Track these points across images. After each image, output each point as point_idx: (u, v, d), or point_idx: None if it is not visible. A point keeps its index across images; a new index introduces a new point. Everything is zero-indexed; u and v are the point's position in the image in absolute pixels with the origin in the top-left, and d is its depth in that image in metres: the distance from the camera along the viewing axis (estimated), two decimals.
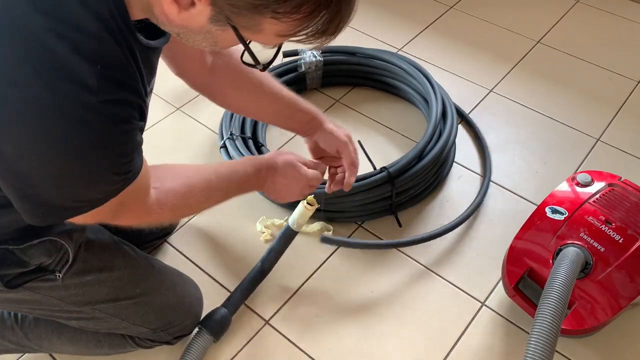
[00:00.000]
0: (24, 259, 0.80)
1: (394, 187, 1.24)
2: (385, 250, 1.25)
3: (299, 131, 1.10)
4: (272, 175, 0.99)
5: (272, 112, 1.07)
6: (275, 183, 1.00)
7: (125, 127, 0.63)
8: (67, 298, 0.88)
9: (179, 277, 1.08)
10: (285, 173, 1.00)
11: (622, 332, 1.11)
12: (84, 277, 0.88)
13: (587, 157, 1.45)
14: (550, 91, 1.64)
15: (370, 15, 1.92)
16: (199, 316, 1.08)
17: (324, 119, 1.08)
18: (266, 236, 1.27)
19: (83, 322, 0.96)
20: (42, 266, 0.83)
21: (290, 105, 1.05)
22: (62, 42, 0.55)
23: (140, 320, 0.98)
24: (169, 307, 1.01)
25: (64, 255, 0.84)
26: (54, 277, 0.84)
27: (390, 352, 1.10)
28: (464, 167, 1.43)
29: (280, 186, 1.01)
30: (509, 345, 1.10)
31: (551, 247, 1.06)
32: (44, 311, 0.91)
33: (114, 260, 0.94)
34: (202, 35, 0.62)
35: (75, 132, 0.58)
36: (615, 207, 1.08)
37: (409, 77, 1.51)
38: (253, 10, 0.55)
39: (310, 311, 1.16)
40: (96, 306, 0.92)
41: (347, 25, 0.61)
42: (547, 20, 1.89)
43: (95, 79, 0.56)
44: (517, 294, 1.07)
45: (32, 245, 0.79)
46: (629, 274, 1.01)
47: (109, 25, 0.58)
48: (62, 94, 0.56)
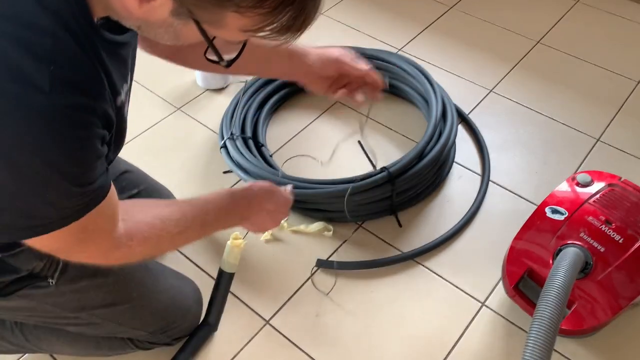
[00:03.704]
0: (15, 265, 0.79)
1: (394, 187, 1.24)
2: (385, 251, 1.25)
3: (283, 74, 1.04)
4: (250, 201, 0.96)
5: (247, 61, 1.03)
6: (261, 210, 0.97)
7: (81, 132, 0.59)
8: (62, 304, 0.88)
9: (176, 279, 1.07)
10: (268, 198, 0.98)
11: (622, 332, 1.11)
12: (78, 283, 0.87)
13: (587, 157, 1.45)
14: (550, 91, 1.64)
15: (370, 15, 1.92)
16: (198, 317, 1.08)
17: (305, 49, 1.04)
18: (266, 236, 1.27)
19: (81, 328, 0.95)
20: (34, 272, 0.81)
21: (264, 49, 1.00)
22: (13, 41, 0.53)
23: (138, 324, 0.97)
24: (166, 310, 1.00)
25: (54, 260, 0.83)
26: (47, 283, 0.83)
27: (390, 352, 1.10)
28: (464, 167, 1.43)
29: (267, 212, 0.98)
30: (509, 345, 1.10)
31: (551, 247, 1.06)
32: (41, 318, 0.90)
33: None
34: (163, 29, 0.60)
35: (23, 133, 0.54)
36: (615, 207, 1.08)
37: (409, 77, 1.51)
38: (215, 3, 0.54)
39: (310, 311, 1.16)
40: (92, 312, 0.91)
41: (312, 22, 0.60)
42: (547, 20, 1.89)
43: (47, 80, 0.54)
44: (517, 294, 1.07)
45: (21, 250, 0.77)
46: (629, 274, 1.01)
47: (68, 23, 0.56)
48: (10, 95, 0.53)
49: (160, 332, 1.00)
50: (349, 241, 1.27)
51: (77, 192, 0.61)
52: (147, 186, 1.16)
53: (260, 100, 1.49)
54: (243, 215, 0.95)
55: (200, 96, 1.63)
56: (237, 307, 1.16)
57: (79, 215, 0.64)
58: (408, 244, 1.26)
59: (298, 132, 1.52)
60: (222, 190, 0.94)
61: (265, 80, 1.54)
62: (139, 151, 1.45)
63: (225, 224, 0.93)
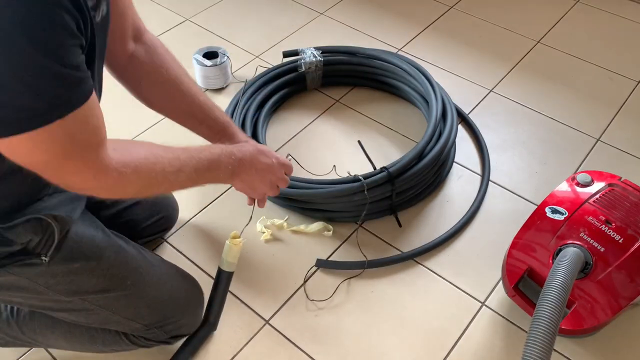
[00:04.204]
0: (10, 237, 0.79)
1: (394, 187, 1.24)
2: (385, 251, 1.25)
3: (210, 139, 1.06)
4: (241, 157, 0.94)
5: (184, 112, 1.03)
6: (248, 169, 0.95)
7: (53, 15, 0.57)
8: (54, 286, 0.87)
9: (177, 273, 1.06)
10: (260, 158, 0.97)
11: (622, 332, 1.11)
12: (71, 265, 0.87)
13: (587, 157, 1.45)
14: (550, 91, 1.64)
15: (370, 15, 1.92)
16: (198, 315, 1.07)
17: (235, 131, 1.05)
18: (266, 236, 1.27)
19: (74, 315, 0.95)
20: (28, 248, 0.81)
21: (204, 110, 1.02)
22: None
23: (131, 314, 0.96)
24: (162, 301, 0.99)
25: (50, 237, 0.82)
26: (40, 261, 0.83)
27: (390, 352, 1.10)
28: (464, 167, 1.43)
29: (257, 172, 0.97)
30: (509, 345, 1.10)
31: (551, 247, 1.06)
32: (34, 300, 0.90)
33: (104, 249, 0.92)
34: None
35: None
36: (615, 207, 1.08)
37: (409, 77, 1.51)
38: None
39: (310, 311, 1.16)
40: (85, 296, 0.91)
41: None
42: (547, 20, 1.89)
43: None
44: (517, 294, 1.07)
45: (18, 224, 0.78)
46: (629, 274, 1.01)
47: None
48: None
49: (155, 327, 0.99)
50: (348, 241, 1.27)
51: (53, 71, 0.59)
52: None
53: (260, 100, 1.49)
54: (234, 169, 0.93)
55: None
56: (237, 307, 1.16)
57: (62, 112, 0.62)
58: (408, 244, 1.26)
59: (298, 132, 1.52)
60: (217, 143, 0.95)
61: (265, 80, 1.54)
62: None
63: (217, 175, 0.91)
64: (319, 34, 1.84)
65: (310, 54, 1.55)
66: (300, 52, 1.57)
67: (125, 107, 1.23)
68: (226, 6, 1.97)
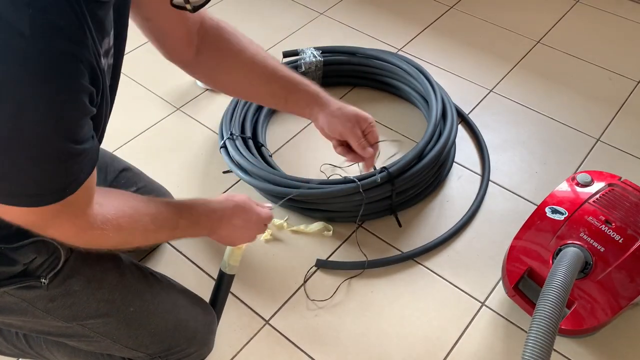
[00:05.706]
0: (13, 256, 0.77)
1: (394, 187, 1.24)
2: (385, 251, 1.25)
3: (301, 115, 1.03)
4: (221, 215, 0.93)
5: (266, 94, 1.00)
6: (225, 226, 0.94)
7: (68, 82, 0.56)
8: (53, 310, 0.83)
9: (186, 299, 0.99)
10: (239, 215, 0.95)
11: (622, 332, 1.11)
12: (70, 287, 0.83)
13: (587, 157, 1.45)
14: (550, 91, 1.64)
15: (370, 15, 1.92)
16: (208, 343, 1.01)
17: (325, 101, 1.01)
18: (266, 236, 1.27)
19: (74, 342, 0.90)
20: (30, 269, 0.79)
21: (286, 86, 0.98)
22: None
23: (133, 344, 0.90)
24: (167, 331, 0.93)
25: (54, 260, 0.80)
26: (39, 283, 0.80)
27: (390, 352, 1.10)
28: (464, 167, 1.43)
29: (236, 228, 0.96)
30: (509, 345, 1.10)
31: (551, 247, 1.06)
32: (33, 324, 0.86)
33: (107, 272, 0.87)
34: None
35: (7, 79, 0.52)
36: (615, 207, 1.08)
37: (409, 77, 1.51)
38: None
39: (310, 311, 1.16)
40: (84, 322, 0.86)
41: None
42: (547, 20, 1.89)
43: (28, 24, 0.51)
44: (517, 294, 1.07)
45: (23, 245, 0.76)
46: (629, 274, 1.01)
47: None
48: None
49: (159, 356, 0.94)
50: (348, 241, 1.27)
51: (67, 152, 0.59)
52: (145, 184, 1.15)
53: None
54: (212, 227, 0.93)
55: (200, 96, 1.63)
56: (237, 307, 1.16)
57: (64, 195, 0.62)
58: (408, 244, 1.26)
59: (298, 132, 1.52)
60: (199, 199, 0.93)
61: None
62: (139, 151, 1.45)
63: (195, 232, 0.92)
64: (319, 34, 1.84)
65: (310, 54, 1.55)
66: (300, 52, 1.57)
67: (125, 107, 1.23)
68: (226, 6, 1.97)
